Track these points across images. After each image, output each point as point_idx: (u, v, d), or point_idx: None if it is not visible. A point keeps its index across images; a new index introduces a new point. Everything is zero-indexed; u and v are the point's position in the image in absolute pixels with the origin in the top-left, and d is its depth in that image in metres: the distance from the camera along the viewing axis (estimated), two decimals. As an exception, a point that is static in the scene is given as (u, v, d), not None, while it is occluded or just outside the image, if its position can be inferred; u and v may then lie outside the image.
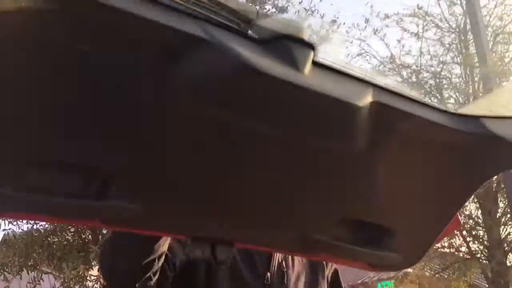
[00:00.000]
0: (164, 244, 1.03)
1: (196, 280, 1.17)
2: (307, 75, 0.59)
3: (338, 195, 0.75)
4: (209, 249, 0.77)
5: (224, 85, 0.57)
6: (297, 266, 1.30)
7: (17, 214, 0.65)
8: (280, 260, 1.26)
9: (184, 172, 0.65)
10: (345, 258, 0.89)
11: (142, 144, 0.60)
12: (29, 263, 7.06)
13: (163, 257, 1.07)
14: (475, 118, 0.74)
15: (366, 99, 0.64)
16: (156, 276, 1.06)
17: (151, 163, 0.62)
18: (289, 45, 0.58)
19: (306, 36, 0.59)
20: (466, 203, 8.86)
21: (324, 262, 1.38)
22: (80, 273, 6.88)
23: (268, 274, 1.22)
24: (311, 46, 0.59)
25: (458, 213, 0.88)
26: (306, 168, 0.69)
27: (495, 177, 8.71)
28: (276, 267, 1.24)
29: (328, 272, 1.39)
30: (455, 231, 8.78)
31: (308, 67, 0.59)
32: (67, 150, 0.57)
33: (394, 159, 0.73)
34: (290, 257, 1.29)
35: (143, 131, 0.59)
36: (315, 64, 0.61)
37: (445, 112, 0.72)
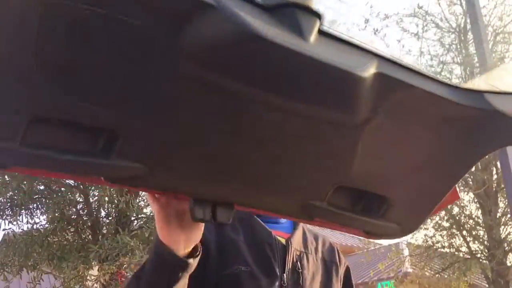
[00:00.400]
0: None
1: None
2: (312, 44, 0.59)
3: (337, 163, 0.76)
4: (210, 210, 0.78)
5: (229, 51, 0.57)
6: (311, 266, 1.29)
7: (22, 169, 0.65)
8: (295, 261, 1.25)
9: (186, 135, 0.66)
10: (342, 225, 0.90)
11: (147, 106, 0.61)
12: (29, 263, 7.05)
13: None
14: (478, 93, 0.75)
15: (369, 70, 0.64)
16: None
17: (155, 125, 0.63)
18: (295, 13, 0.58)
19: (313, 4, 0.59)
20: (466, 203, 8.85)
21: (337, 261, 1.37)
22: (80, 273, 6.87)
23: (284, 275, 1.21)
24: (317, 15, 0.60)
25: (456, 185, 0.89)
26: (306, 135, 0.70)
27: (495, 177, 8.72)
28: (291, 268, 1.23)
29: (342, 270, 1.38)
30: (456, 231, 8.79)
31: (313, 36, 0.60)
32: (74, 109, 0.58)
33: (394, 130, 0.74)
34: (305, 257, 1.28)
35: (149, 94, 0.60)
36: (321, 33, 0.61)
37: (448, 85, 0.72)
